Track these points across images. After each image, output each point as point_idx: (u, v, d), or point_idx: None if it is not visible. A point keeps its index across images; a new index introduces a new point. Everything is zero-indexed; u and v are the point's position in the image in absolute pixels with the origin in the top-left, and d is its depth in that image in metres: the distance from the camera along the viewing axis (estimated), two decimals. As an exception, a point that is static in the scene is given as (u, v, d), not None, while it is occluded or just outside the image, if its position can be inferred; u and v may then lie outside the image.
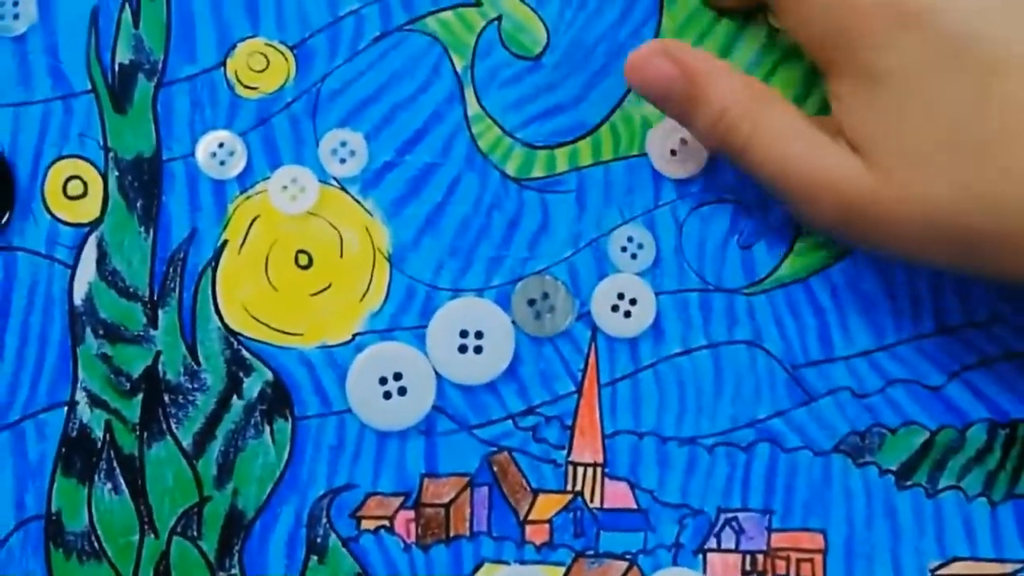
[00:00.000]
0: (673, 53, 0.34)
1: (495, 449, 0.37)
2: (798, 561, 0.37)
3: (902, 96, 0.31)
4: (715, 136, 0.34)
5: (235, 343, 0.36)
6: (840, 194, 0.32)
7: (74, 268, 0.36)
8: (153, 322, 0.36)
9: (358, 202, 0.37)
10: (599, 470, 0.37)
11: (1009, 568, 0.37)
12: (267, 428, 0.37)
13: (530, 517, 0.37)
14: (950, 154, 0.30)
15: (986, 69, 0.30)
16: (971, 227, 0.30)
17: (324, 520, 0.36)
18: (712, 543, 0.37)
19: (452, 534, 0.37)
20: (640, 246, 0.37)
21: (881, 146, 0.31)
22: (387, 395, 0.36)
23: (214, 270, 0.37)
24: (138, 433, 0.36)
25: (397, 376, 0.36)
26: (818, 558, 0.37)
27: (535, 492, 0.37)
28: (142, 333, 0.36)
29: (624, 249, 0.37)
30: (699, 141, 0.35)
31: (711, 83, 0.33)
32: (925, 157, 0.31)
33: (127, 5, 0.37)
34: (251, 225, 0.37)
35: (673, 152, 0.37)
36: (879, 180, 0.31)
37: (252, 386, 0.36)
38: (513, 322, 0.37)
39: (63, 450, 0.36)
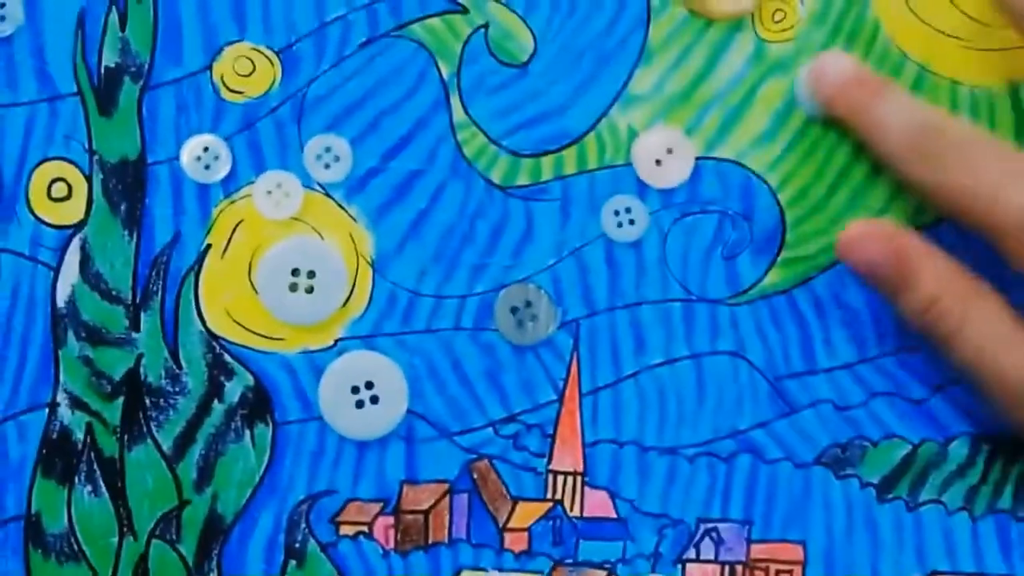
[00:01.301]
0: (887, 233, 0.34)
1: (475, 456, 0.37)
2: (777, 572, 0.37)
3: None
4: (921, 322, 0.34)
5: (217, 347, 0.36)
6: None
7: (57, 270, 0.36)
8: (135, 325, 0.36)
9: (342, 208, 0.37)
10: (579, 479, 0.37)
11: (988, 583, 0.37)
12: (247, 432, 0.36)
13: (509, 525, 0.37)
14: None
15: None
16: None
17: (303, 525, 0.36)
18: (691, 553, 0.37)
19: (431, 541, 0.37)
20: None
21: None
22: (359, 404, 0.36)
23: (197, 274, 0.37)
24: (119, 436, 0.36)
25: (369, 385, 0.36)
26: (797, 570, 0.37)
27: (515, 500, 0.37)
28: (124, 336, 0.36)
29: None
30: (905, 319, 0.35)
31: (922, 268, 0.33)
32: None
33: (114, 7, 0.37)
34: (235, 230, 0.37)
35: (658, 162, 0.37)
36: None
37: (233, 390, 0.36)
38: (496, 330, 0.37)
39: (44, 452, 0.36)
